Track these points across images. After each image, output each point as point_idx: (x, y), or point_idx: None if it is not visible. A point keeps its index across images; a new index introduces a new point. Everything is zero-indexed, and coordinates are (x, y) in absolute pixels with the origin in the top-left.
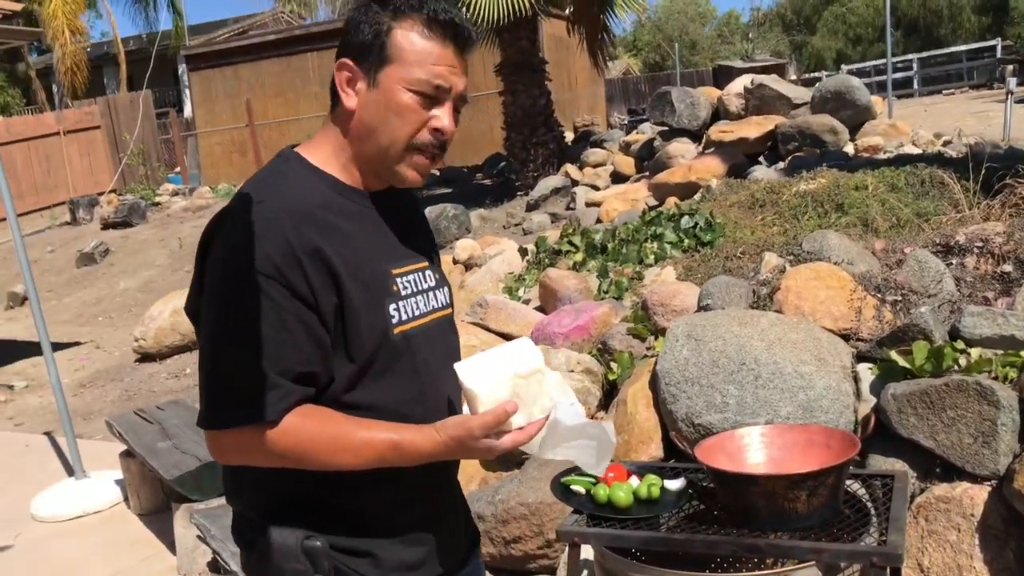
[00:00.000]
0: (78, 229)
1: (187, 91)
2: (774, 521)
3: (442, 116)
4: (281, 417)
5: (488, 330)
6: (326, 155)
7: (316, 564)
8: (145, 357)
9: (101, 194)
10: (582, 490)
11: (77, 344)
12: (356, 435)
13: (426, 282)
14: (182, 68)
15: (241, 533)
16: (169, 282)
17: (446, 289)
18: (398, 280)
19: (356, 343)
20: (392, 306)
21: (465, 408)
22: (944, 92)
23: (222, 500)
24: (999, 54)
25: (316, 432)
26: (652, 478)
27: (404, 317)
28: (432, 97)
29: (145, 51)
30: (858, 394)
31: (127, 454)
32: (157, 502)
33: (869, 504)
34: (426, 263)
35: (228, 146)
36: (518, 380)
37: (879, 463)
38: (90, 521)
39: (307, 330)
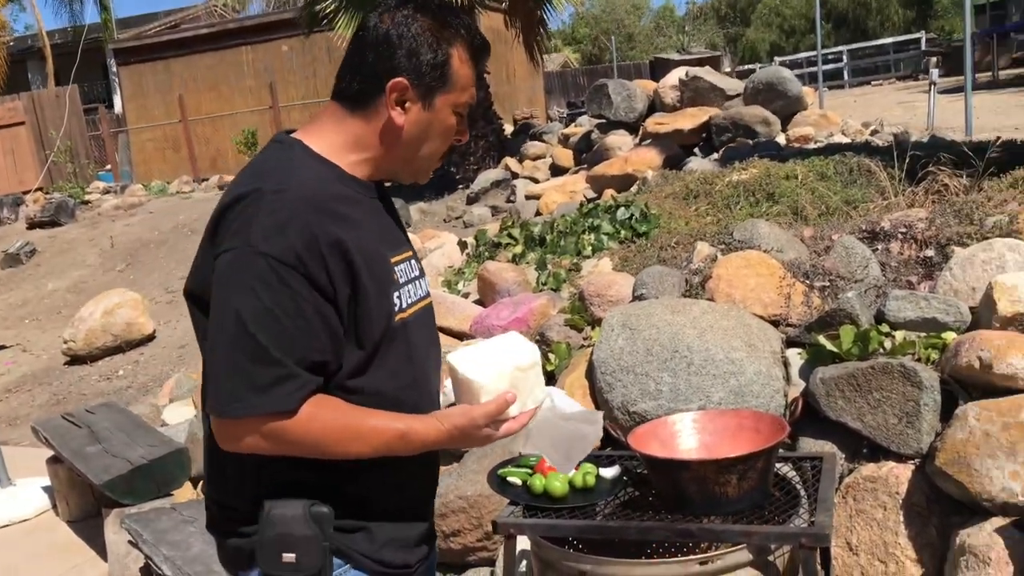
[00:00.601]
0: (1, 229)
1: (117, 86)
2: (706, 505)
3: (465, 128)
4: (300, 406)
5: None
6: (335, 146)
7: (324, 531)
8: (75, 359)
9: (26, 193)
10: (518, 481)
11: (2, 348)
12: (366, 424)
13: (414, 270)
14: (111, 62)
15: (218, 522)
16: (100, 282)
17: (426, 278)
18: (396, 268)
19: (366, 331)
20: (395, 294)
21: (446, 397)
22: (873, 83)
23: (154, 504)
24: (924, 46)
25: (330, 422)
26: (587, 467)
27: (404, 305)
28: (463, 114)
29: (71, 45)
30: (788, 378)
31: (54, 460)
32: (87, 508)
33: (799, 486)
34: (411, 251)
35: (161, 142)
36: (517, 372)
37: (809, 445)
38: (16, 530)
39: (324, 321)
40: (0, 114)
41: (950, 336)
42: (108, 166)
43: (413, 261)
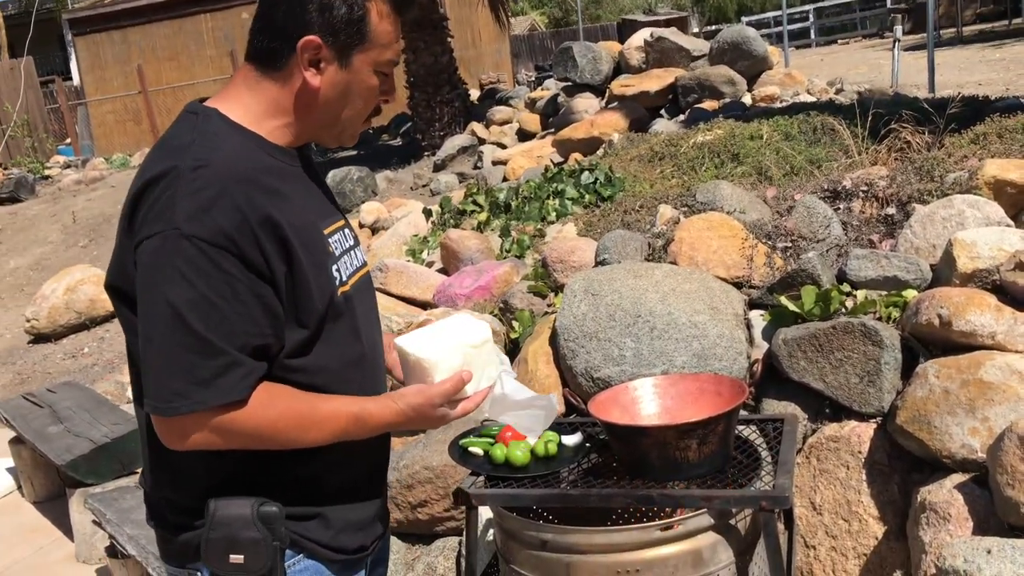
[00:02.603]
0: None
1: (74, 57)
2: (667, 471)
3: (391, 87)
4: (249, 395)
5: (389, 294)
6: (254, 114)
7: (273, 531)
8: (39, 338)
9: None
10: (480, 452)
11: None
12: (320, 410)
13: (348, 240)
14: (67, 33)
15: (163, 517)
16: (63, 259)
17: (361, 247)
18: (330, 240)
19: (307, 308)
20: (333, 267)
21: (390, 376)
22: (839, 42)
23: (118, 482)
24: (889, 3)
25: (283, 410)
26: (549, 434)
27: (344, 278)
28: (387, 73)
29: (25, 16)
30: (751, 340)
31: (17, 440)
32: (52, 488)
33: (761, 448)
34: (343, 221)
35: (121, 114)
36: (469, 350)
37: (773, 407)
38: None
39: (262, 303)
40: None
41: (911, 294)
42: (68, 140)
43: (347, 230)
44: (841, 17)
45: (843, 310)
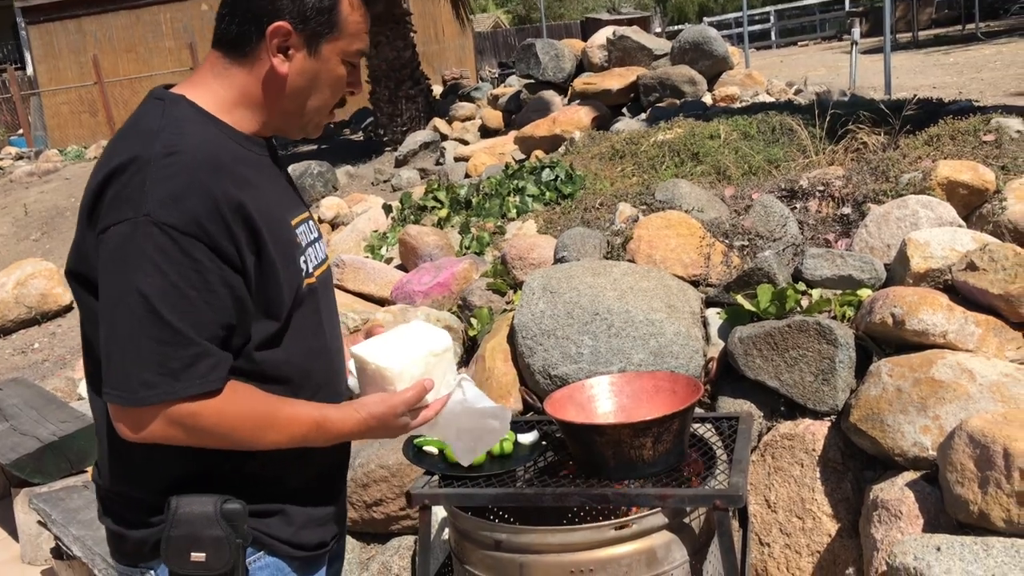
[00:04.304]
0: None
1: (27, 46)
2: (622, 470)
3: (357, 79)
4: (221, 387)
5: (346, 291)
6: (221, 101)
7: (237, 528)
8: None
9: None
10: (434, 450)
11: None
12: (282, 413)
13: (313, 232)
14: (20, 21)
15: (118, 513)
16: (14, 252)
17: (323, 240)
18: (296, 231)
19: (276, 299)
20: (301, 259)
21: (351, 382)
22: (799, 44)
23: (66, 482)
24: (848, 7)
25: (246, 409)
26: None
27: (310, 269)
28: (355, 64)
29: None
30: (707, 338)
31: None
32: (2, 489)
33: (718, 447)
34: (308, 213)
35: (76, 105)
36: (431, 358)
37: (728, 405)
38: None
39: (232, 293)
40: None
41: (865, 293)
42: (20, 131)
43: (311, 223)
44: (801, 19)
45: (798, 309)
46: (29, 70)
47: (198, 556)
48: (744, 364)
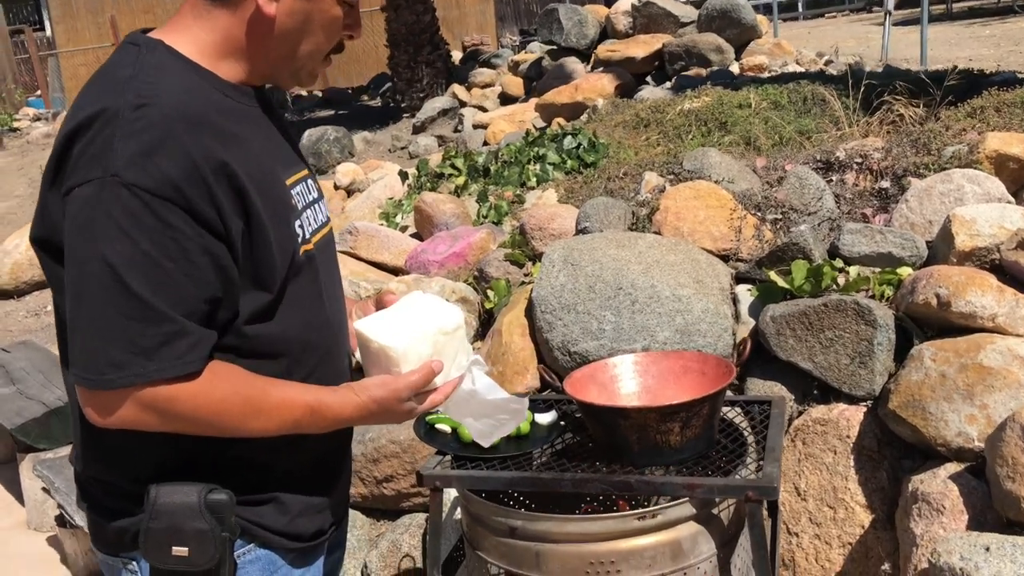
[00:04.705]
0: None
1: (45, 7)
2: (647, 455)
3: (356, 21)
4: (201, 368)
5: (359, 259)
6: (203, 47)
7: (222, 520)
8: (0, 294)
9: None
10: (447, 429)
11: None
12: (271, 396)
13: (311, 192)
14: None
15: (95, 500)
16: (29, 213)
17: (325, 201)
18: (292, 191)
19: (266, 269)
20: (296, 223)
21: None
22: (827, 15)
23: (70, 448)
24: None
25: (228, 392)
26: None
27: (307, 235)
28: (353, 3)
29: None
30: (737, 316)
31: None
32: (6, 451)
33: (747, 432)
34: (307, 171)
35: (94, 66)
36: (440, 337)
37: (758, 387)
38: None
39: (214, 262)
40: None
41: (906, 272)
42: (38, 92)
43: (310, 181)
44: None
45: (835, 287)
46: (47, 31)
47: (180, 550)
48: (776, 344)
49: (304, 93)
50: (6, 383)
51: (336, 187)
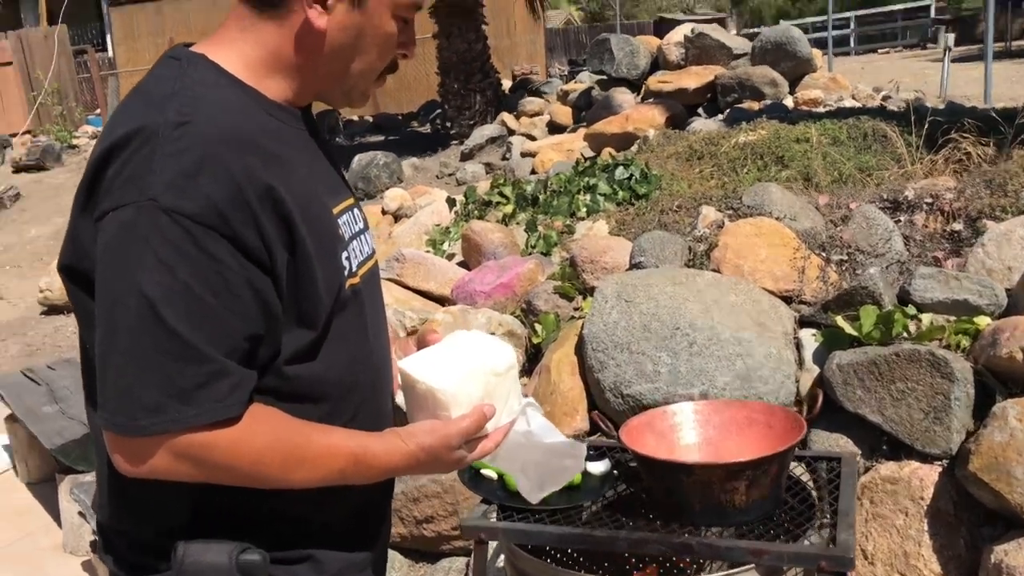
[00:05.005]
0: None
1: (108, 28)
2: (709, 515)
3: (411, 39)
4: (241, 412)
5: (405, 287)
6: (248, 63)
7: None
8: (52, 309)
9: (14, 135)
10: (493, 475)
11: None
12: (314, 444)
13: (357, 222)
14: (104, 3)
15: (119, 553)
16: None
17: (370, 231)
18: (339, 220)
19: (311, 304)
20: (344, 254)
21: (398, 398)
22: (879, 51)
23: None
24: (933, 15)
25: (272, 440)
26: None
27: (353, 267)
28: (408, 20)
29: None
30: (800, 363)
31: (13, 418)
32: (47, 470)
33: (813, 491)
34: (353, 199)
35: None
36: (492, 378)
37: (822, 439)
38: None
39: (257, 296)
40: None
41: (983, 321)
42: (98, 110)
43: (356, 210)
44: (882, 26)
45: (906, 335)
46: (109, 52)
47: None
48: (843, 395)
49: (355, 118)
50: (49, 401)
51: (384, 212)
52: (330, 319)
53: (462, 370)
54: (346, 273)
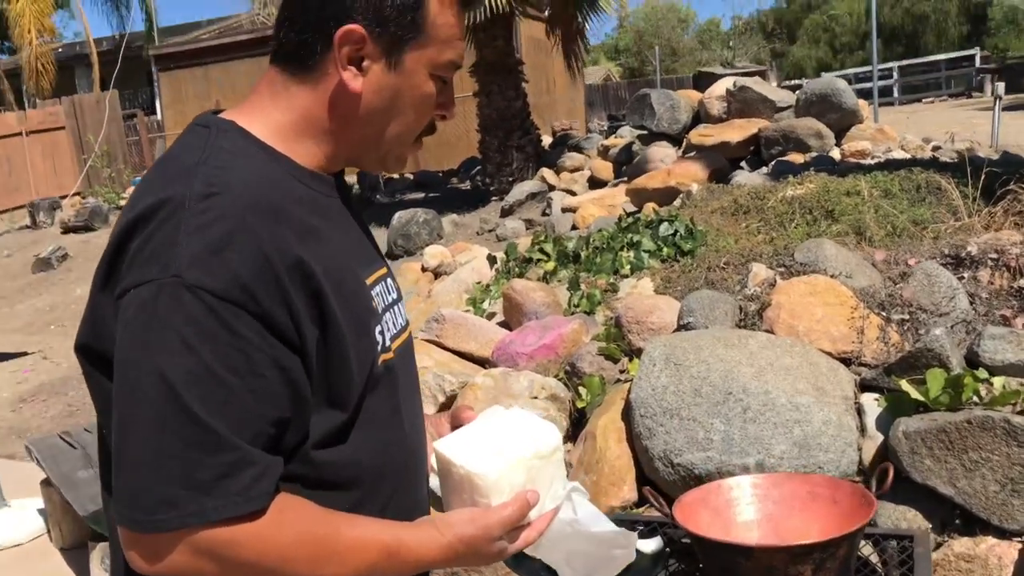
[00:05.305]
0: (37, 233)
1: (158, 94)
2: None
3: (449, 99)
4: (267, 505)
5: (445, 348)
6: (279, 128)
7: None
8: None
9: (64, 197)
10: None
11: (24, 354)
12: (344, 538)
13: (391, 293)
14: (154, 69)
15: None
16: None
17: (403, 302)
18: (372, 291)
19: (344, 384)
20: (377, 328)
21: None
22: (924, 100)
23: None
24: (978, 63)
25: (300, 533)
26: None
27: (387, 342)
28: (446, 79)
29: (118, 52)
30: (863, 429)
31: (48, 482)
32: (81, 536)
33: (881, 572)
34: (386, 268)
35: None
36: (535, 462)
37: (888, 512)
38: (7, 556)
39: (285, 377)
40: (41, 118)
41: None
42: (145, 171)
43: (389, 280)
44: (926, 76)
45: (976, 400)
46: (158, 115)
47: None
48: (910, 465)
49: (395, 176)
50: (85, 466)
51: (424, 269)
52: (362, 398)
53: (503, 453)
54: (379, 348)
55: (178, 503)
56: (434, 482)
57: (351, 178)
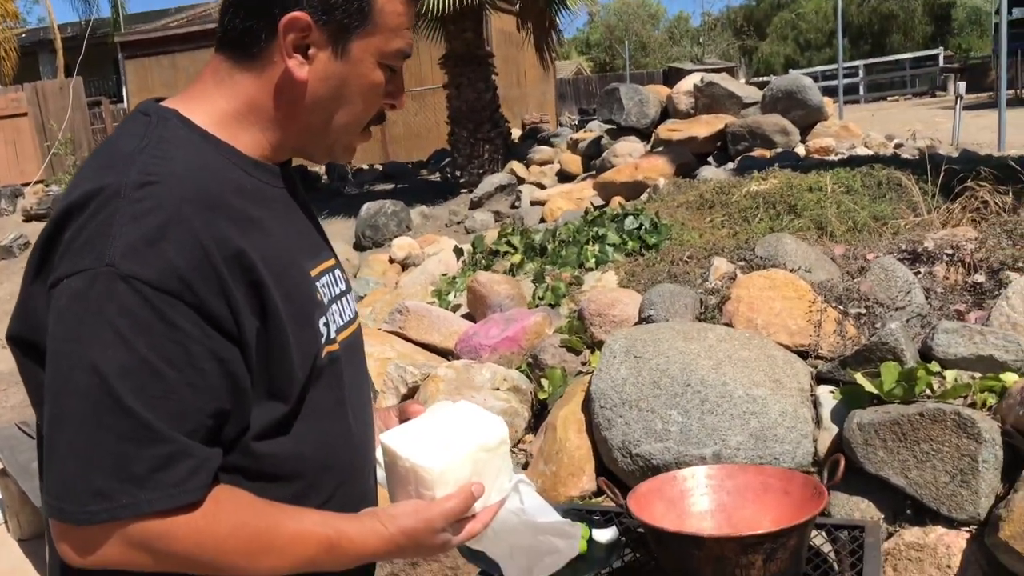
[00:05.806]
0: None
1: (125, 82)
2: None
3: (399, 88)
4: (203, 497)
5: (408, 340)
6: (223, 116)
7: None
8: None
9: (26, 185)
10: None
11: None
12: (283, 529)
13: (338, 284)
14: (120, 56)
15: None
16: None
17: (353, 294)
18: (318, 283)
19: (284, 375)
20: (321, 320)
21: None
22: (889, 98)
23: None
24: (942, 63)
25: (236, 525)
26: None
27: (332, 334)
28: (395, 68)
29: (83, 39)
30: (818, 421)
31: (4, 472)
32: (39, 527)
33: (835, 563)
34: (334, 259)
35: None
36: (481, 455)
37: (841, 503)
38: None
39: (223, 369)
40: (2, 104)
41: (1010, 378)
42: None
43: (338, 271)
44: (891, 74)
45: (929, 393)
46: (125, 103)
47: None
48: (863, 456)
49: (365, 166)
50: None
51: (392, 260)
52: (304, 391)
53: (449, 446)
54: (324, 340)
55: (111, 495)
56: (380, 475)
57: (319, 169)
